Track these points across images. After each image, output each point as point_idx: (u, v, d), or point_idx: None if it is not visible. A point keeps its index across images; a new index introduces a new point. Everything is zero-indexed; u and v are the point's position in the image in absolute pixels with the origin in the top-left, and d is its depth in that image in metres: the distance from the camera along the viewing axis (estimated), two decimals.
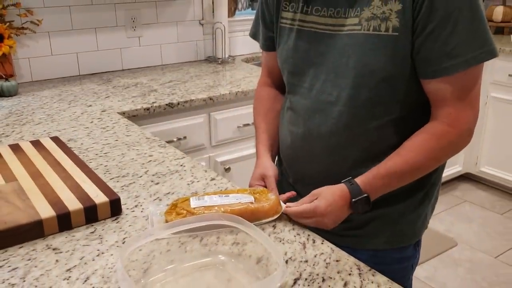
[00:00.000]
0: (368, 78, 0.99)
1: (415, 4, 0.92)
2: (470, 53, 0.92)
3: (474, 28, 0.92)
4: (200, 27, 2.62)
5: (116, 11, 2.31)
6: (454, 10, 0.90)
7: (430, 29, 0.92)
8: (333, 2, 1.03)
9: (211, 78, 2.27)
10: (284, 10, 1.14)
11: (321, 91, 1.06)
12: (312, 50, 1.07)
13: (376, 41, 0.96)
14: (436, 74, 0.95)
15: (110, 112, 1.75)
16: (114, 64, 2.37)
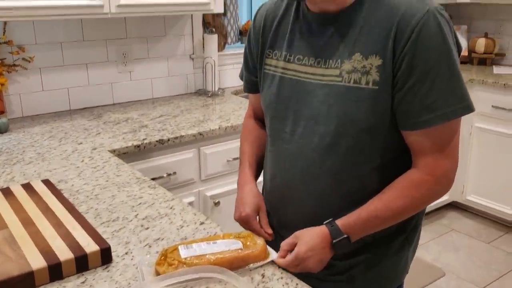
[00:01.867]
0: (350, 128, 1.02)
1: (395, 60, 0.97)
2: (448, 107, 0.96)
3: (452, 84, 0.97)
4: (191, 61, 2.66)
5: (107, 47, 2.35)
6: (433, 67, 0.95)
7: (410, 84, 0.96)
8: (314, 52, 1.08)
9: (201, 112, 2.30)
10: (268, 57, 1.18)
11: (302, 137, 1.10)
12: (293, 96, 1.11)
13: (357, 93, 1.00)
14: (416, 127, 0.99)
15: (100, 150, 1.77)
16: (105, 99, 2.40)
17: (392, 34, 0.96)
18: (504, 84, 3.00)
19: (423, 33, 0.94)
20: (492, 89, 3.06)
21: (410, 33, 0.94)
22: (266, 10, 1.21)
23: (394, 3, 0.99)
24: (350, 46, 1.02)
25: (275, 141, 1.18)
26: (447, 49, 0.96)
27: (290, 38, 1.13)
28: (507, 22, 3.55)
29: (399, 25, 0.96)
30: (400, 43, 0.95)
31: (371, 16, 1.00)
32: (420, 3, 0.97)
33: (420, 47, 0.94)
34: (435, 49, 0.95)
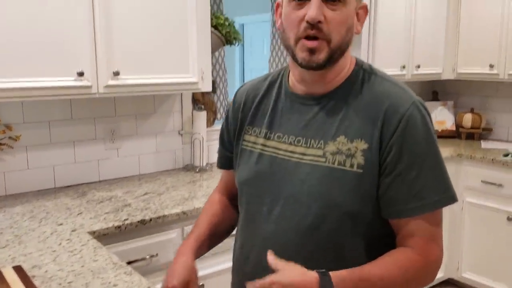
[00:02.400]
0: (332, 211, 1.01)
1: (383, 147, 0.99)
2: (434, 197, 0.99)
3: (438, 174, 1.01)
4: (179, 137, 2.69)
5: (95, 124, 2.37)
6: (420, 156, 0.99)
7: (398, 172, 0.99)
8: (295, 131, 1.09)
9: (187, 189, 2.29)
10: (247, 134, 1.19)
11: (281, 217, 1.07)
12: (272, 174, 1.10)
13: (341, 175, 1.01)
14: (403, 214, 1.01)
15: (80, 232, 1.73)
16: (91, 176, 2.39)
17: (379, 121, 1.00)
18: (492, 159, 3.01)
19: (410, 124, 0.99)
20: (480, 164, 3.07)
21: (398, 122, 0.98)
22: (248, 88, 1.23)
23: (381, 91, 1.03)
24: (334, 128, 1.03)
25: (250, 220, 1.15)
26: (432, 139, 1.01)
27: (271, 116, 1.14)
28: (492, 98, 3.64)
29: (386, 114, 0.99)
30: (388, 131, 0.99)
31: (357, 101, 1.04)
32: (405, 94, 1.03)
33: (408, 137, 0.98)
34: (421, 140, 0.99)
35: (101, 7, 1.97)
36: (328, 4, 0.97)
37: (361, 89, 1.05)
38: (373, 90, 1.04)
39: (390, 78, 1.09)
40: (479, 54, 3.33)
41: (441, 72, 3.51)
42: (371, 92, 1.04)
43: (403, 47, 3.25)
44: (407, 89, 1.07)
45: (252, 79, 1.28)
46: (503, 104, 3.59)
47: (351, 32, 1.02)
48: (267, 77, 1.22)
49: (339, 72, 1.07)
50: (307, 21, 0.97)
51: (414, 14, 3.25)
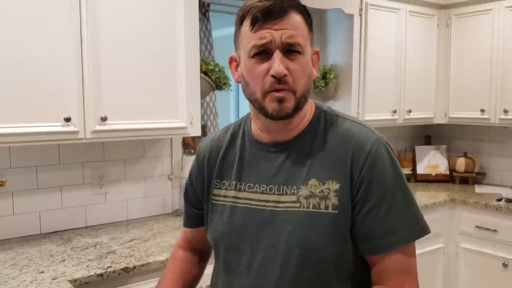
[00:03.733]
0: (312, 257, 1.00)
1: (353, 184, 1.00)
2: (407, 230, 1.00)
3: (407, 207, 1.02)
4: (169, 181, 2.67)
5: (83, 169, 2.36)
6: (389, 190, 1.00)
7: (369, 208, 0.99)
8: (265, 179, 1.08)
9: (174, 236, 2.25)
10: (216, 188, 1.16)
11: (262, 269, 1.05)
12: (247, 226, 1.08)
13: (317, 218, 1.00)
14: (377, 250, 1.00)
15: (60, 280, 1.69)
16: (78, 222, 2.36)
17: (348, 160, 1.01)
18: (486, 204, 2.98)
19: (376, 160, 1.01)
20: (474, 209, 3.04)
21: (365, 158, 1.00)
22: (210, 141, 1.22)
23: (345, 131, 1.06)
24: (304, 172, 1.04)
25: (229, 276, 1.11)
26: (399, 173, 1.03)
27: (239, 167, 1.13)
28: (484, 142, 3.64)
29: (354, 151, 1.01)
30: (357, 169, 1.00)
31: (323, 143, 1.05)
32: (369, 132, 1.05)
33: (375, 173, 1.00)
34: (389, 175, 1.01)
35: (89, 52, 2.00)
36: (288, 56, 0.99)
37: (325, 131, 1.07)
38: (336, 131, 1.06)
39: (351, 117, 1.12)
40: (470, 98, 3.36)
41: (433, 116, 3.53)
42: (335, 133, 1.06)
43: (394, 92, 3.28)
44: (369, 126, 1.09)
45: (212, 133, 1.27)
46: (496, 148, 3.59)
47: (311, 79, 1.05)
48: (228, 129, 1.21)
49: (302, 118, 1.08)
50: (272, 75, 0.98)
51: (404, 59, 3.30)
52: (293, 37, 0.98)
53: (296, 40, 0.99)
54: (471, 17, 3.34)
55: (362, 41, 3.09)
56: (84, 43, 1.99)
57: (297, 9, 1.01)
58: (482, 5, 3.27)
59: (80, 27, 1.97)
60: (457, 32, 3.42)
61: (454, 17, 3.43)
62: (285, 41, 0.98)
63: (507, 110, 3.15)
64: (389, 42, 3.22)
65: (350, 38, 3.10)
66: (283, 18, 0.98)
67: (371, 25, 3.09)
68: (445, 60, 3.49)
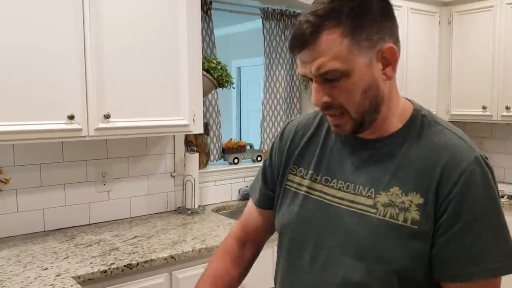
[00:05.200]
0: (381, 268, 0.93)
1: (439, 203, 0.91)
2: (494, 263, 0.89)
3: (498, 237, 0.90)
4: (172, 179, 2.68)
5: (87, 167, 2.37)
6: (480, 217, 0.89)
7: (454, 232, 0.89)
8: (344, 176, 1.01)
9: (177, 232, 2.26)
10: (291, 173, 1.11)
11: (325, 268, 1.00)
12: (316, 219, 1.02)
13: (393, 230, 0.92)
14: (457, 279, 0.91)
15: (64, 277, 1.70)
16: (81, 219, 2.37)
17: (436, 175, 0.91)
18: None
19: (471, 181, 0.89)
20: None
21: (458, 179, 0.89)
22: (297, 124, 1.15)
23: (441, 142, 0.94)
24: (387, 178, 0.95)
25: (291, 268, 1.07)
26: (493, 199, 0.91)
27: (319, 157, 1.06)
28: (487, 139, 3.64)
29: (445, 168, 0.91)
30: (446, 187, 0.90)
31: (413, 151, 0.95)
32: (467, 149, 0.93)
33: (467, 195, 0.89)
34: (482, 199, 0.89)
35: (92, 51, 2.01)
36: (328, 83, 0.92)
37: (419, 137, 0.96)
38: (432, 139, 0.95)
39: (452, 127, 0.99)
40: (472, 95, 3.36)
41: (434, 113, 3.52)
42: (430, 142, 0.95)
43: None
44: (470, 141, 0.96)
45: (301, 115, 1.20)
46: (498, 145, 3.59)
47: (373, 89, 0.92)
48: (317, 114, 1.13)
49: (384, 119, 0.98)
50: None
51: (406, 56, 3.30)
52: (322, 67, 0.89)
53: (326, 69, 0.89)
54: (473, 14, 3.34)
55: None
56: (87, 42, 2.00)
57: (334, 23, 0.87)
58: (484, 2, 3.27)
59: (83, 26, 1.98)
60: (459, 29, 3.42)
61: (455, 14, 3.43)
62: (316, 73, 0.90)
63: (509, 107, 3.15)
64: None
65: None
66: (309, 46, 0.89)
67: None
68: (447, 57, 3.49)
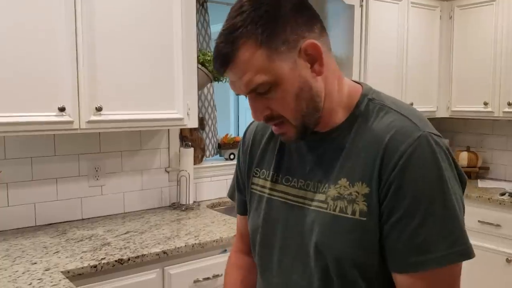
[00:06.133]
0: (338, 264, 0.91)
1: (381, 189, 0.86)
2: (442, 250, 0.82)
3: (447, 223, 0.83)
4: (166, 174, 2.64)
5: (79, 161, 2.33)
6: (424, 201, 0.83)
7: (397, 218, 0.85)
8: (303, 174, 0.99)
9: (170, 228, 2.22)
10: (255, 176, 1.09)
11: (290, 269, 0.99)
12: (281, 221, 1.01)
13: (343, 224, 0.89)
14: (403, 269, 0.86)
15: (53, 271, 1.67)
16: (73, 214, 2.33)
17: (378, 160, 0.87)
18: (489, 198, 2.94)
19: (412, 161, 0.84)
20: (477, 204, 3.00)
21: (398, 159, 0.85)
22: (255, 127, 1.14)
23: (386, 124, 0.90)
24: (336, 170, 0.92)
25: (263, 273, 1.07)
26: (442, 181, 0.84)
27: (278, 157, 1.04)
28: (488, 136, 3.59)
29: (385, 150, 0.86)
30: (386, 170, 0.85)
31: (359, 139, 0.91)
32: (411, 129, 0.87)
33: (408, 177, 0.84)
34: (426, 181, 0.84)
35: (84, 42, 1.97)
36: (261, 95, 0.89)
37: (366, 123, 0.92)
38: (376, 124, 0.91)
39: (399, 107, 0.93)
40: (473, 91, 3.31)
41: (435, 110, 3.48)
42: (374, 127, 0.90)
43: (395, 85, 3.24)
44: (419, 119, 0.90)
45: None
46: (500, 142, 3.55)
47: (306, 90, 0.88)
48: None
49: (330, 112, 0.94)
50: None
51: (406, 51, 3.26)
52: (250, 83, 0.86)
53: (254, 85, 0.86)
54: (474, 8, 3.29)
55: (363, 32, 3.05)
56: (79, 32, 1.95)
57: (246, 36, 0.84)
58: None
59: (75, 16, 1.94)
60: (460, 24, 3.37)
61: (457, 9, 3.38)
62: (246, 90, 0.88)
63: (511, 103, 3.09)
64: (391, 34, 3.17)
65: (350, 29, 3.06)
66: (230, 65, 0.86)
67: (372, 16, 3.05)
68: (448, 53, 3.44)
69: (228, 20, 0.87)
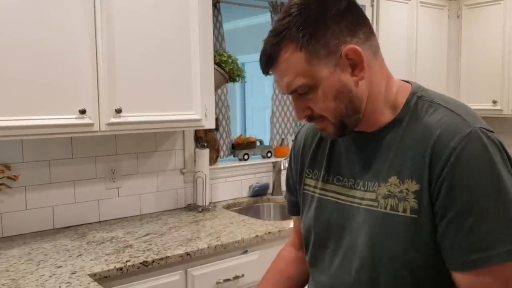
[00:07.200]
0: (388, 264, 0.91)
1: (432, 187, 0.86)
2: (502, 246, 0.81)
3: (505, 219, 0.82)
4: (181, 175, 2.63)
5: (96, 163, 2.32)
6: (478, 197, 0.82)
7: (452, 216, 0.84)
8: (353, 174, 1.00)
9: (189, 230, 2.21)
10: (307, 177, 1.11)
11: (340, 268, 1.00)
12: (333, 221, 1.02)
13: (395, 222, 0.89)
14: (465, 267, 0.84)
15: (80, 275, 1.65)
16: (91, 217, 2.32)
17: (427, 156, 0.87)
18: None
19: (464, 157, 0.83)
20: None
21: (448, 156, 0.84)
22: (306, 130, 1.16)
23: (435, 121, 0.89)
24: (386, 168, 0.93)
25: (314, 270, 1.09)
26: (495, 176, 0.83)
27: (329, 158, 1.06)
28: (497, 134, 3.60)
29: (435, 147, 0.86)
30: (437, 167, 0.85)
31: (409, 137, 0.91)
32: (461, 124, 0.87)
33: (460, 173, 0.83)
34: (479, 176, 0.83)
35: (104, 43, 1.96)
36: (302, 96, 0.93)
37: (415, 121, 0.92)
38: (426, 121, 0.90)
39: (449, 103, 0.93)
40: (482, 90, 3.33)
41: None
42: (424, 124, 0.90)
43: None
44: (469, 115, 0.90)
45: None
46: (508, 139, 3.55)
47: (345, 93, 0.90)
48: None
49: (375, 113, 0.95)
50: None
51: (415, 50, 3.27)
52: (290, 85, 0.90)
53: (294, 87, 0.90)
54: (482, 7, 3.31)
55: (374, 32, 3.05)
56: (98, 35, 1.95)
57: (288, 40, 0.88)
58: None
59: (94, 19, 1.93)
60: (468, 23, 3.39)
61: (464, 8, 3.40)
62: (288, 91, 0.93)
63: None
64: (401, 33, 3.18)
65: None
66: (274, 66, 0.91)
67: (382, 16, 3.06)
68: (456, 52, 3.46)
69: (277, 21, 0.91)
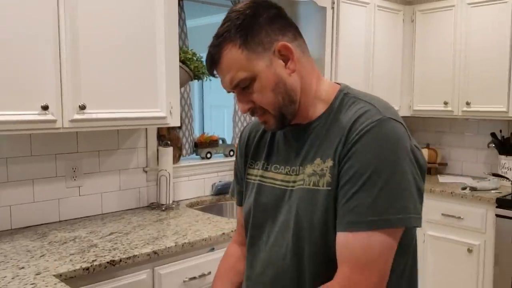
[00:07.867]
0: (308, 232, 1.03)
1: (339, 160, 1.00)
2: (372, 215, 0.93)
3: (387, 192, 0.93)
4: (144, 174, 2.60)
5: (56, 161, 2.25)
6: (368, 171, 0.94)
7: (342, 183, 0.98)
8: (289, 162, 1.12)
9: (155, 228, 2.19)
10: (250, 167, 1.23)
11: (274, 244, 1.11)
12: (269, 204, 1.14)
13: (315, 195, 1.02)
14: (339, 228, 0.97)
15: (45, 275, 1.61)
16: (51, 216, 2.24)
17: (343, 138, 1.00)
18: (451, 192, 3.10)
19: (367, 136, 0.96)
20: (440, 198, 3.16)
21: (355, 136, 0.98)
22: (251, 127, 1.30)
23: (352, 112, 1.03)
24: (313, 153, 1.07)
25: (252, 250, 1.19)
26: (393, 158, 0.95)
27: (269, 149, 1.19)
28: (446, 134, 3.79)
29: (349, 130, 1.00)
30: (346, 145, 0.99)
31: (334, 126, 1.05)
32: (373, 113, 1.00)
33: (360, 149, 0.96)
34: (374, 155, 0.95)
35: (67, 38, 1.91)
36: (245, 90, 1.05)
37: (340, 113, 1.06)
38: (347, 113, 1.04)
39: (370, 99, 1.06)
40: (434, 91, 3.47)
41: (398, 109, 3.62)
42: (347, 113, 1.04)
43: (362, 85, 3.33)
44: (384, 107, 1.02)
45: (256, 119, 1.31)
46: (457, 140, 3.74)
47: (281, 85, 1.04)
48: None
49: (309, 106, 1.09)
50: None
51: (373, 53, 3.37)
52: (233, 79, 1.04)
53: (236, 81, 1.03)
54: (435, 13, 3.45)
55: (334, 34, 3.12)
56: (62, 30, 1.89)
57: (229, 41, 1.02)
58: (445, 2, 3.39)
59: (58, 14, 1.88)
60: (421, 27, 3.53)
61: (418, 13, 3.54)
62: (231, 86, 1.05)
63: (469, 103, 3.28)
64: (359, 36, 3.28)
65: (322, 31, 3.13)
66: (218, 64, 1.04)
67: (342, 19, 3.13)
68: (410, 55, 3.59)
69: (218, 28, 1.05)
